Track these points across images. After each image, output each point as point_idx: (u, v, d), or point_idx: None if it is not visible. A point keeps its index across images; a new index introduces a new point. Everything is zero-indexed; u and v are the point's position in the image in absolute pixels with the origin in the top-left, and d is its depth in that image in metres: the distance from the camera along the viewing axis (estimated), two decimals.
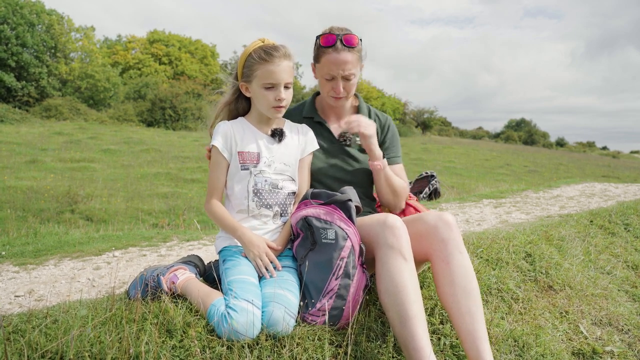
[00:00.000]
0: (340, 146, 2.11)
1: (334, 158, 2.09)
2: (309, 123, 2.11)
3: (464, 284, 1.66)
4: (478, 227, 3.95)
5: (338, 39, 1.91)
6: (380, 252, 1.65)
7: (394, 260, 1.61)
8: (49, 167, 12.35)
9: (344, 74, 1.93)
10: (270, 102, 1.81)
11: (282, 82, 1.79)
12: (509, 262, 2.62)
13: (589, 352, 2.17)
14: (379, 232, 1.66)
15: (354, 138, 2.12)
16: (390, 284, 1.59)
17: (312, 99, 2.21)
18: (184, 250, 3.34)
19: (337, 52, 1.92)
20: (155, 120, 26.99)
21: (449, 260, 1.68)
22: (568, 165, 27.58)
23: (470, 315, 1.62)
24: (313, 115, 2.14)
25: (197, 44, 44.00)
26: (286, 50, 1.81)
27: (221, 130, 1.85)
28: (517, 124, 70.86)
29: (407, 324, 1.54)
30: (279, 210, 1.88)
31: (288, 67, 1.80)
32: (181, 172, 13.14)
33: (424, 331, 1.54)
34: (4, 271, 2.75)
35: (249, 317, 1.52)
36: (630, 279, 3.09)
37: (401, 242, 1.62)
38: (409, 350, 1.53)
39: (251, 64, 1.80)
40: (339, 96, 2.00)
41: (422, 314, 1.57)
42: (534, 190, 6.81)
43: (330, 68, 1.94)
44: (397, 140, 2.20)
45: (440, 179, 1.85)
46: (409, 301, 1.56)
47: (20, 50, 26.65)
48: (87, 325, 1.49)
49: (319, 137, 2.09)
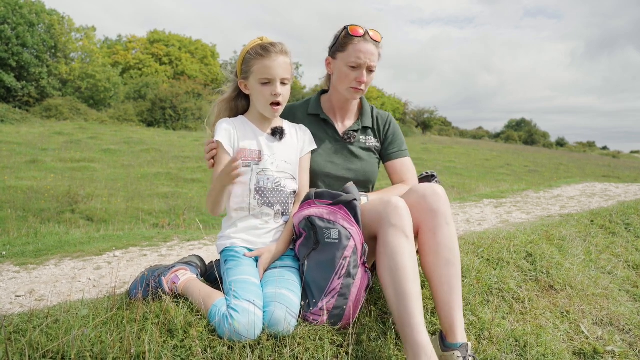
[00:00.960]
0: (345, 144, 2.11)
1: (337, 156, 2.10)
2: (314, 120, 2.11)
3: (447, 256, 1.70)
4: (479, 227, 3.95)
5: (366, 31, 1.97)
6: (382, 230, 1.66)
7: (396, 239, 1.62)
8: (49, 167, 12.35)
9: (369, 63, 1.97)
10: (267, 98, 1.81)
11: (277, 77, 1.79)
12: (510, 262, 2.62)
13: (590, 352, 2.17)
14: (382, 211, 1.68)
15: (358, 136, 2.12)
16: (391, 262, 1.61)
17: (317, 97, 2.20)
18: (184, 250, 3.34)
19: (366, 42, 1.96)
20: (155, 120, 27.00)
21: (435, 232, 1.71)
22: (568, 165, 27.57)
23: (449, 286, 1.68)
24: (319, 112, 2.14)
25: (197, 44, 44.03)
26: (283, 47, 1.82)
27: (224, 126, 1.85)
28: (517, 124, 70.89)
29: (404, 301, 1.56)
30: (281, 209, 1.88)
31: (285, 63, 1.81)
32: (181, 172, 13.14)
33: (420, 310, 1.56)
34: (5, 271, 2.75)
35: (250, 317, 1.52)
36: (631, 278, 3.09)
37: (404, 222, 1.64)
38: (404, 328, 1.55)
39: (249, 60, 1.82)
40: (361, 87, 2.01)
41: (419, 293, 1.59)
42: (534, 190, 6.81)
43: (358, 56, 1.96)
44: (399, 135, 2.20)
45: (440, 178, 1.84)
46: (408, 280, 1.58)
47: (21, 50, 26.65)
48: (88, 325, 1.49)
49: (323, 134, 2.10)
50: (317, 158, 2.06)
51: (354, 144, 2.12)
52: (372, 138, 2.16)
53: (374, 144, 2.15)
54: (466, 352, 1.60)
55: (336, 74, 2.05)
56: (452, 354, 1.61)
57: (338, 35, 2.04)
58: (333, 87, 2.11)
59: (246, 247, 1.82)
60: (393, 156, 2.15)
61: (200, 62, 43.14)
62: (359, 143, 2.13)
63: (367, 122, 2.16)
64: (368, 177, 2.13)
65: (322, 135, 2.10)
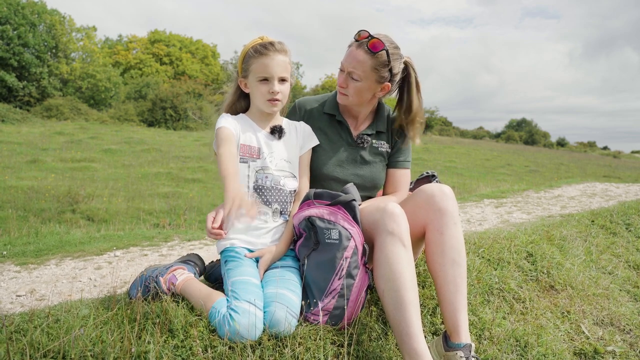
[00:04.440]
0: (357, 149, 2.07)
1: (347, 160, 2.06)
2: (329, 120, 2.09)
3: (454, 256, 1.69)
4: (479, 227, 3.95)
5: (366, 39, 1.88)
6: (379, 238, 1.66)
7: (393, 246, 1.61)
8: (50, 167, 12.36)
9: (349, 69, 1.91)
10: (265, 96, 1.81)
11: (275, 76, 1.79)
12: (511, 262, 2.62)
13: (590, 352, 2.17)
14: (379, 218, 1.67)
15: (371, 140, 2.08)
16: (388, 270, 1.60)
17: (334, 96, 2.12)
18: (185, 249, 3.34)
19: (355, 48, 1.90)
20: (156, 120, 27.00)
21: (442, 231, 1.71)
22: (569, 165, 27.55)
23: (455, 285, 1.67)
24: (335, 113, 2.08)
25: (198, 44, 44.05)
26: (282, 46, 1.82)
27: (227, 118, 1.85)
28: (518, 124, 70.88)
29: (402, 310, 1.55)
30: (279, 208, 1.87)
31: (283, 61, 1.81)
32: (182, 172, 13.14)
33: (417, 318, 1.56)
34: (6, 271, 2.76)
35: (250, 318, 1.52)
36: (632, 278, 3.09)
37: (401, 229, 1.63)
38: (402, 336, 1.55)
39: (248, 59, 1.83)
40: (341, 90, 1.96)
41: (417, 301, 1.58)
42: (535, 190, 6.81)
43: (344, 59, 1.95)
44: (409, 144, 2.15)
45: (441, 178, 1.84)
46: (406, 288, 1.57)
47: (22, 50, 26.70)
48: (88, 324, 1.49)
49: (337, 136, 2.06)
50: (327, 161, 2.03)
51: (366, 149, 2.08)
52: (384, 143, 2.11)
53: (386, 149, 2.11)
54: (469, 353, 1.59)
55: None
56: (455, 354, 1.60)
57: None
58: None
59: (246, 248, 1.82)
60: (398, 165, 2.11)
61: (200, 62, 43.16)
62: (372, 148, 2.09)
63: (382, 126, 2.10)
64: (375, 183, 2.10)
65: (336, 138, 2.07)
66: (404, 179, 2.12)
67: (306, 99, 2.15)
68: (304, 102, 2.14)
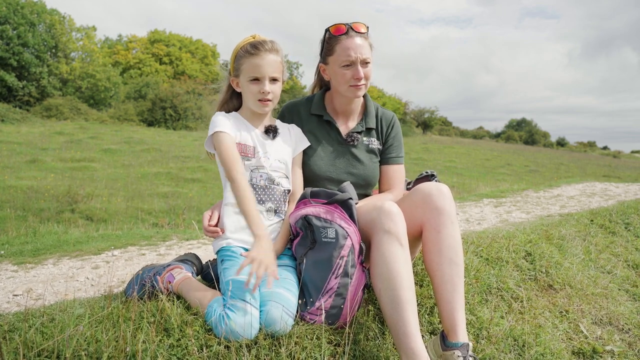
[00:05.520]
0: (347, 147, 2.06)
1: (339, 159, 2.05)
2: (317, 121, 2.08)
3: (451, 255, 1.68)
4: (478, 226, 3.94)
5: (348, 27, 1.93)
6: (376, 237, 1.65)
7: (390, 245, 1.61)
8: (49, 167, 12.36)
9: (362, 57, 1.92)
10: (256, 95, 1.80)
11: (266, 76, 1.78)
12: (509, 261, 2.61)
13: (589, 352, 2.16)
14: (376, 217, 1.66)
15: (361, 138, 2.08)
16: (385, 269, 1.59)
17: (320, 96, 2.11)
18: (183, 249, 3.33)
19: (351, 37, 1.92)
20: (155, 119, 27.01)
21: (440, 229, 1.70)
22: (569, 165, 27.55)
23: (452, 284, 1.67)
24: (322, 113, 2.07)
25: (198, 44, 44.05)
26: (274, 45, 1.81)
27: (221, 119, 1.83)
28: (517, 124, 70.92)
29: (399, 309, 1.55)
30: (273, 206, 1.86)
31: (274, 61, 1.80)
32: (181, 172, 13.14)
33: (414, 317, 1.55)
34: (3, 270, 2.75)
35: (246, 317, 1.51)
36: (631, 278, 3.08)
37: (398, 228, 1.62)
38: (399, 335, 1.54)
39: (239, 58, 1.82)
40: (360, 83, 1.95)
41: (414, 300, 1.58)
42: (534, 189, 6.81)
43: (347, 53, 1.91)
44: (400, 139, 2.15)
45: (440, 178, 1.83)
46: (403, 287, 1.57)
47: (22, 49, 26.70)
48: (83, 323, 1.48)
49: (326, 136, 2.06)
50: (319, 161, 2.02)
51: (357, 147, 2.07)
52: (375, 139, 2.10)
53: (377, 145, 2.10)
54: (467, 352, 1.59)
55: (333, 78, 2.00)
56: (453, 353, 1.60)
57: (323, 39, 2.01)
58: (334, 90, 2.06)
59: (242, 247, 1.81)
60: (391, 161, 2.11)
61: (200, 62, 43.16)
62: (362, 145, 2.08)
63: (371, 123, 2.10)
64: (369, 181, 2.09)
65: (325, 137, 2.05)
66: (398, 175, 2.11)
67: (292, 102, 2.14)
68: (290, 107, 2.12)
